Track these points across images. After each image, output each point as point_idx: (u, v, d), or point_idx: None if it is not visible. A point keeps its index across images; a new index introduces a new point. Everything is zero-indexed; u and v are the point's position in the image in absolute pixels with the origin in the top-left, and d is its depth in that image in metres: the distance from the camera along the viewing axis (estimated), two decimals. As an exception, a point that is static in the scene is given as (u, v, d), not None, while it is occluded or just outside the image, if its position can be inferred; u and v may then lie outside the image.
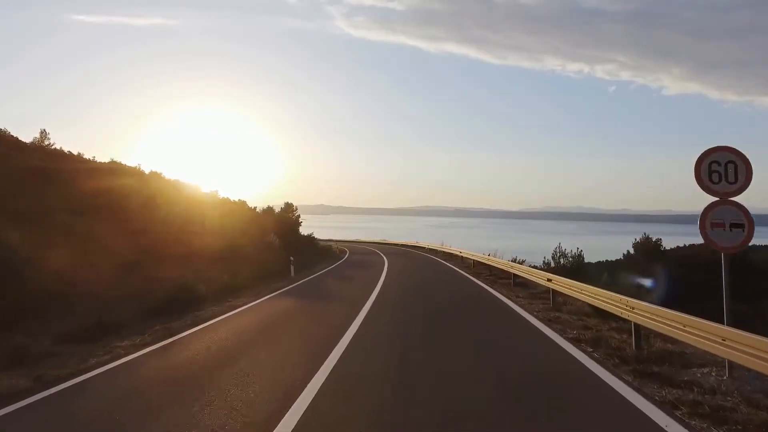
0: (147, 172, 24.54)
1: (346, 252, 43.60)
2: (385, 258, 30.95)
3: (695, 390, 5.25)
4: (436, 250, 36.99)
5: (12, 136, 20.50)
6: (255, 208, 41.63)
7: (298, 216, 51.17)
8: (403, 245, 52.26)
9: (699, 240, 6.64)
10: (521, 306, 11.51)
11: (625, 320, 7.65)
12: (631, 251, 23.62)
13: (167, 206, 19.85)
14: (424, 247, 42.33)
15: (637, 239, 27.14)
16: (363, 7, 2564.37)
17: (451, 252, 30.58)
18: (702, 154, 6.44)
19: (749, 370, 4.95)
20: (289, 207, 49.39)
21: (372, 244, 60.23)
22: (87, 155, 23.04)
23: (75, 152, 22.43)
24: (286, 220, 45.14)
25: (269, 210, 44.81)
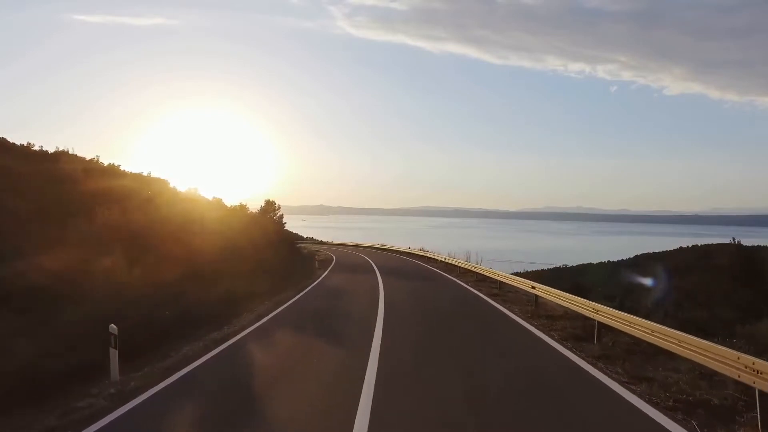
0: (105, 164, 23.21)
1: (329, 263, 31.74)
2: (380, 282, 19.20)
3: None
4: (458, 266, 23.94)
5: None
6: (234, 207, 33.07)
7: (281, 216, 41.39)
8: (405, 253, 40.46)
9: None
10: None
11: None
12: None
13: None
14: (438, 260, 29.80)
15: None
16: (365, 6, 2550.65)
17: (498, 279, 17.18)
18: None
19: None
20: (269, 205, 39.55)
21: (367, 250, 48.66)
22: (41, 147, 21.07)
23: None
24: (264, 222, 34.77)
25: (241, 208, 34.54)
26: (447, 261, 26.79)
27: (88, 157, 36.32)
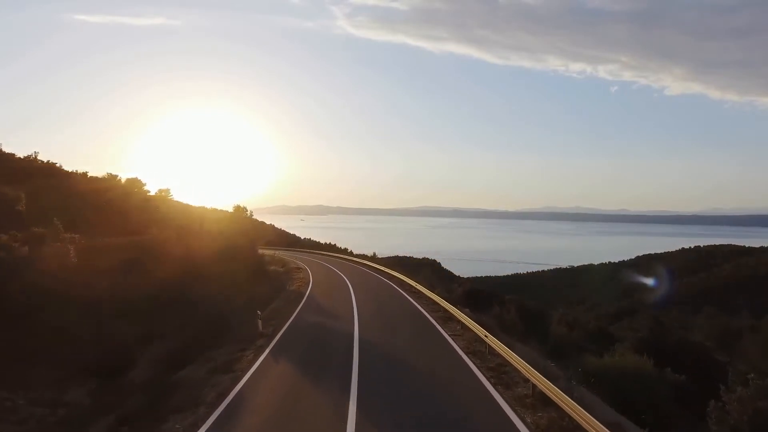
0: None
1: (293, 309, 19.78)
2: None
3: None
4: (514, 368, 10.50)
5: None
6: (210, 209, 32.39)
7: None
8: (408, 288, 25.76)
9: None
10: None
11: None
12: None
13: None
14: (460, 321, 15.52)
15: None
16: (366, 6, 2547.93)
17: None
18: None
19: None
20: (239, 210, 37.63)
21: (360, 272, 35.63)
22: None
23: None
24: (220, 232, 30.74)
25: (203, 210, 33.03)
26: (489, 343, 12.60)
27: (22, 155, 33.24)
